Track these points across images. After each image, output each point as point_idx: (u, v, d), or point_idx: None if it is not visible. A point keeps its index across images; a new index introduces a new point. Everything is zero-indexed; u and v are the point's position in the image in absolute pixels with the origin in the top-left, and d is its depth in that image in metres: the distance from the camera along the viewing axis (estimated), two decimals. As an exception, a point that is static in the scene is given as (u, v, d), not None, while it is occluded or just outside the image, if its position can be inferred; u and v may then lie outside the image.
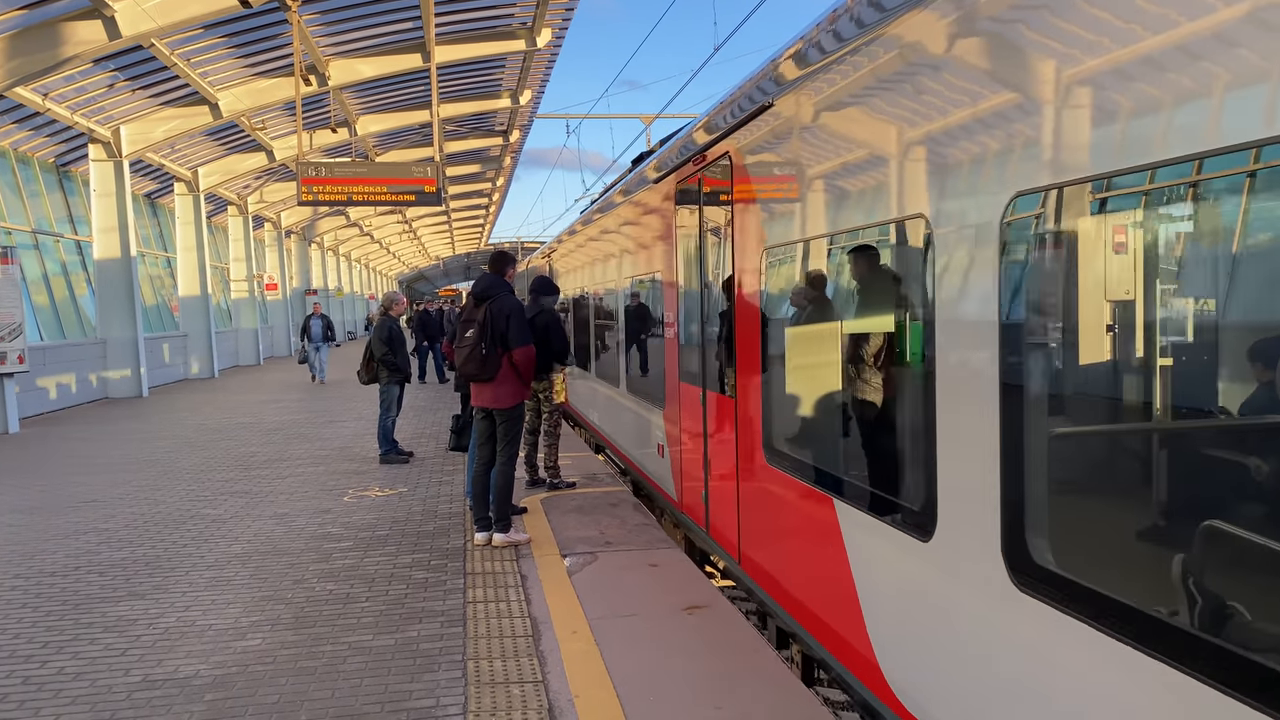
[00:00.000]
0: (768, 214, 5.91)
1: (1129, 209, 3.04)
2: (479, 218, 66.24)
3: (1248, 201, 2.61)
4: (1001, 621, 3.39)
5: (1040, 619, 3.15)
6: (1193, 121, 2.58)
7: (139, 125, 22.83)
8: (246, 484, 11.15)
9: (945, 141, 3.73)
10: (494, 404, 7.94)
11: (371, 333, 12.70)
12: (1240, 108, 2.42)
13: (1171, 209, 2.94)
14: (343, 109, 25.81)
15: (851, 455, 4.89)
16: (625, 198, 11.19)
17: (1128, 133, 2.79)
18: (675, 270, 8.52)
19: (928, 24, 3.79)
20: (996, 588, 3.39)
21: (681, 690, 5.00)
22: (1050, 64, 3.09)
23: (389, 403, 12.46)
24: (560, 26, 23.41)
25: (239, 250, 35.97)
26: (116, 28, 16.16)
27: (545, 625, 6.04)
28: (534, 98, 29.34)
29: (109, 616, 6.44)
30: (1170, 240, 3.01)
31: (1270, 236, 2.66)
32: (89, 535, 8.76)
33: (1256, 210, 2.60)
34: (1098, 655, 2.87)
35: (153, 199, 31.18)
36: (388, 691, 5.09)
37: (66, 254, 24.48)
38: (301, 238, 48.40)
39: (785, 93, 5.40)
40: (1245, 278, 2.74)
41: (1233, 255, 2.77)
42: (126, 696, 5.11)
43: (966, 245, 3.57)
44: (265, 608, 6.53)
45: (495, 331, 7.73)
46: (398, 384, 12.47)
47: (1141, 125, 2.74)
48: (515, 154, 40.57)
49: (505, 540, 7.95)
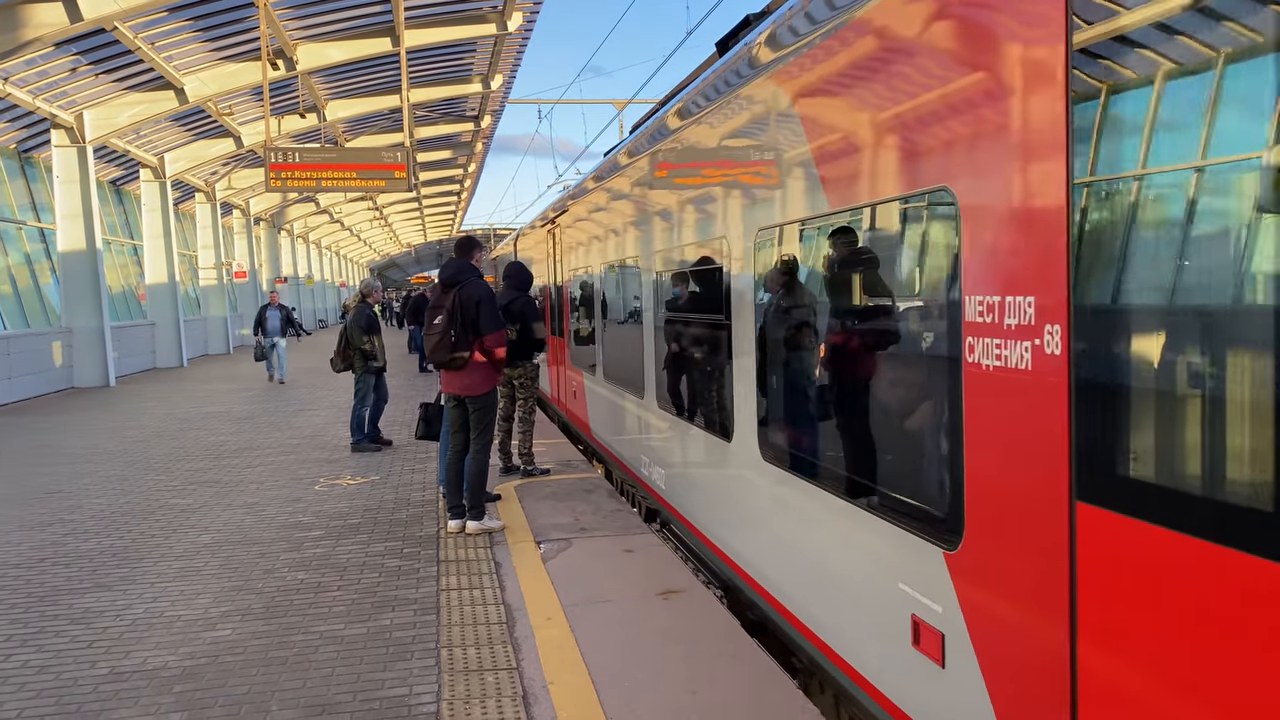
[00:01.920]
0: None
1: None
2: (451, 204, 65.78)
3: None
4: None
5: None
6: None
7: (103, 110, 22.43)
8: (216, 473, 11.02)
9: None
10: (466, 391, 7.87)
11: (349, 321, 12.55)
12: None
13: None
14: (311, 94, 25.48)
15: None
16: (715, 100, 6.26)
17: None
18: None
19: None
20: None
21: (657, 675, 4.98)
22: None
23: (364, 392, 12.37)
24: (531, 10, 23.20)
25: (207, 238, 35.51)
26: (78, 10, 15.86)
27: (519, 612, 6.01)
28: (505, 82, 29.11)
29: (75, 608, 6.34)
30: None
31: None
32: (55, 526, 8.62)
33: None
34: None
35: (118, 186, 30.69)
36: (360, 681, 5.04)
37: (30, 242, 24.05)
38: (271, 225, 47.86)
39: None
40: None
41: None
42: (93, 689, 5.02)
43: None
44: (235, 598, 6.45)
45: (465, 318, 7.64)
46: (373, 373, 12.35)
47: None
48: (487, 140, 40.28)
49: (479, 528, 7.89)
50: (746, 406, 5.83)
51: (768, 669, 5.05)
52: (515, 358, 9.76)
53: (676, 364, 7.81)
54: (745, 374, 5.83)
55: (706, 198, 6.61)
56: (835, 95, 4.38)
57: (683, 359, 7.64)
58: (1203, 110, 2.46)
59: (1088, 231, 2.79)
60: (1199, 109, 2.47)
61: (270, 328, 22.04)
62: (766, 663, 5.14)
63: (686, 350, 7.53)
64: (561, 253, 13.90)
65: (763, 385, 5.56)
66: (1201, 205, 2.49)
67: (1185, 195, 2.55)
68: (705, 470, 6.98)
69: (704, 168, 6.71)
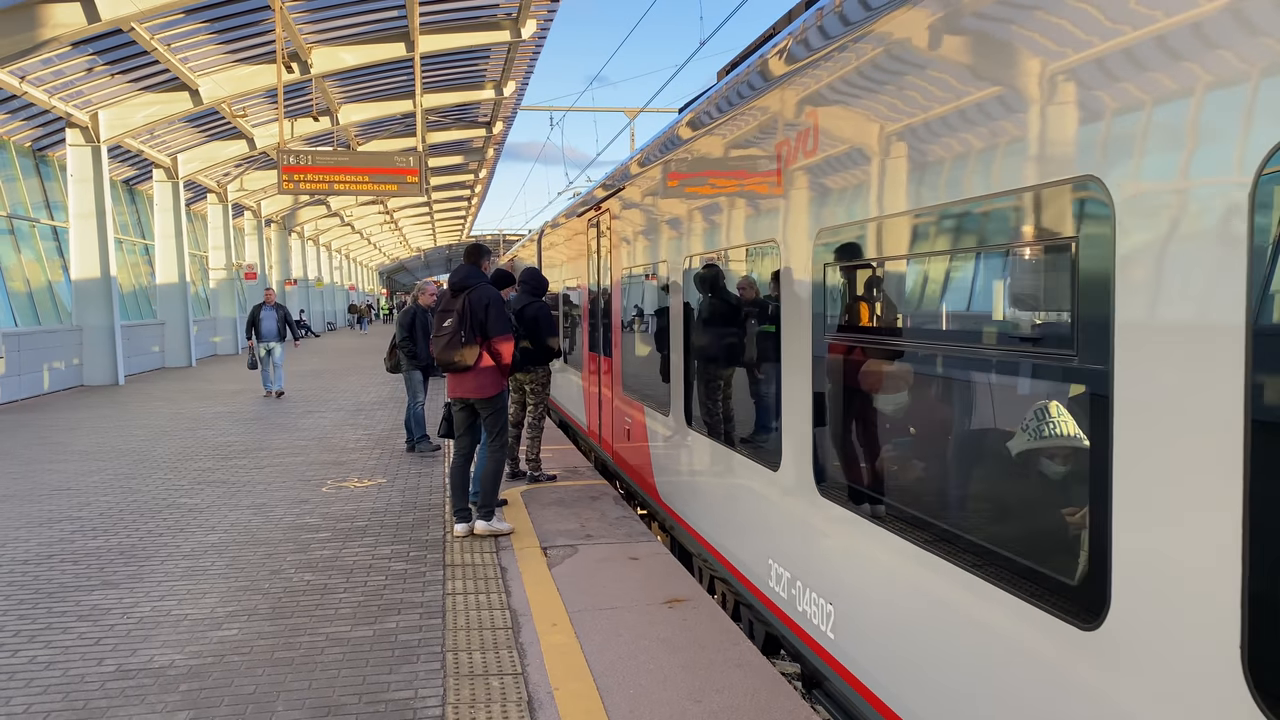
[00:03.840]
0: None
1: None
2: (461, 209, 65.97)
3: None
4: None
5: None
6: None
7: (118, 110, 22.57)
8: (223, 473, 11.05)
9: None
10: (475, 394, 7.91)
11: (396, 320, 12.78)
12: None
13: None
14: (325, 97, 25.62)
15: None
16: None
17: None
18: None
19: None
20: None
21: (661, 683, 4.99)
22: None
23: (414, 389, 12.44)
24: (545, 18, 23.31)
25: (218, 239, 35.68)
26: (96, 10, 15.98)
27: (525, 618, 6.01)
28: (518, 89, 29.22)
29: (83, 605, 6.36)
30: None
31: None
32: (63, 523, 8.66)
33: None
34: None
35: (131, 185, 30.86)
36: (365, 683, 5.05)
37: (43, 240, 24.18)
38: (282, 227, 48.04)
39: None
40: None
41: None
42: (100, 686, 5.04)
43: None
44: (242, 598, 6.47)
45: (474, 320, 7.74)
46: (418, 369, 12.35)
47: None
48: (498, 146, 40.40)
49: (488, 529, 7.92)
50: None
51: (773, 679, 5.04)
52: (529, 363, 9.80)
53: (866, 424, 4.65)
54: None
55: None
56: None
57: (882, 416, 4.55)
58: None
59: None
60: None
61: (265, 331, 19.13)
62: (771, 673, 5.13)
63: (894, 402, 4.48)
64: (610, 247, 10.68)
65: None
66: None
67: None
68: (948, 632, 3.66)
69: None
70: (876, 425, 4.61)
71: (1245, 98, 2.32)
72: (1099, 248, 2.81)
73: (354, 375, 24.72)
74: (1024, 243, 3.35)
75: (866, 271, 4.57)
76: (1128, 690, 2.70)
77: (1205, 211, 2.44)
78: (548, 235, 17.42)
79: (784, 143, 5.28)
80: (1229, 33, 2.36)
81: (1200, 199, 2.47)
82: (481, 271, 8.11)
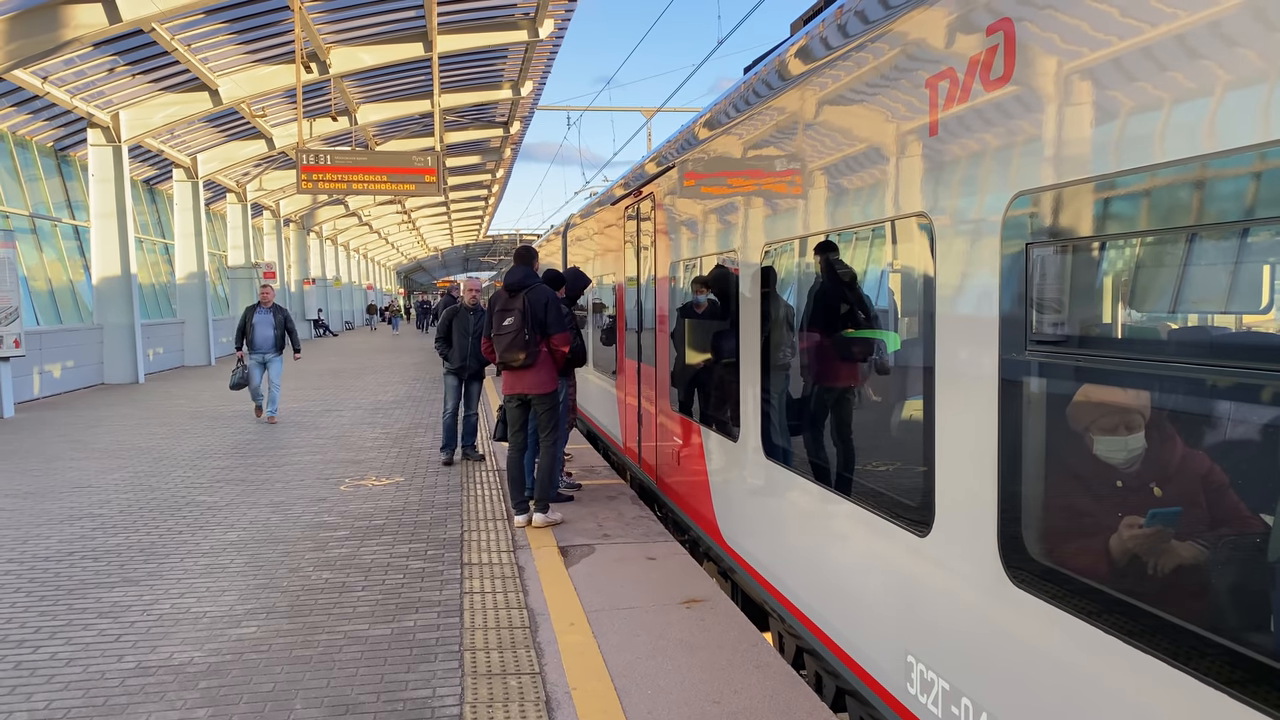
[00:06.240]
0: None
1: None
2: (478, 209, 66.09)
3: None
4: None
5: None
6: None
7: (138, 110, 22.73)
8: (242, 471, 11.10)
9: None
10: (534, 389, 8.22)
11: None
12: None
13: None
14: (343, 97, 25.72)
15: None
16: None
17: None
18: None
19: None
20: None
21: (679, 683, 4.97)
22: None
23: (448, 394, 11.50)
24: (563, 18, 23.32)
25: (237, 238, 35.89)
26: (117, 11, 16.09)
27: (543, 617, 6.00)
28: (535, 89, 29.25)
29: (103, 602, 6.39)
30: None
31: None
32: (84, 520, 8.71)
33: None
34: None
35: (151, 185, 31.07)
36: (384, 681, 5.05)
37: (64, 239, 24.38)
38: (300, 226, 48.28)
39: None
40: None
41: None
42: (120, 682, 5.06)
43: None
44: (260, 595, 6.49)
45: (535, 319, 8.03)
46: (452, 374, 11.50)
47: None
48: (515, 145, 40.47)
49: (545, 520, 8.28)
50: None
51: (792, 680, 5.01)
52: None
53: (1083, 478, 3.20)
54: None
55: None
56: None
57: (1111, 470, 3.05)
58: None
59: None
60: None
61: (260, 340, 15.08)
62: (790, 674, 5.11)
63: (1129, 448, 3.01)
64: (655, 236, 9.10)
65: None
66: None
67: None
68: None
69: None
70: (1104, 479, 3.00)
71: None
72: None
73: (359, 379, 24.80)
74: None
75: (1122, 250, 3.01)
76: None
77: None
78: (574, 229, 15.59)
79: (944, 76, 3.68)
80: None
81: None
82: (535, 272, 8.40)
